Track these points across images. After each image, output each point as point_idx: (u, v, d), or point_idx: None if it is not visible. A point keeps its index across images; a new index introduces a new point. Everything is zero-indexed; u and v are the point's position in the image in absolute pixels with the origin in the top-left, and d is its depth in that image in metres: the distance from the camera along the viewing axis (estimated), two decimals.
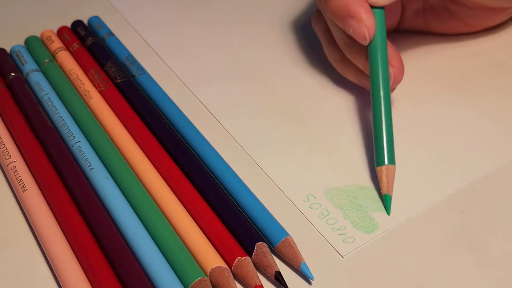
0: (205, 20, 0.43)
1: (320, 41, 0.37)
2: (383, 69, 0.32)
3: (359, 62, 0.34)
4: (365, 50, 0.33)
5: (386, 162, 0.30)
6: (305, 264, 0.27)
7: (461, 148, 0.33)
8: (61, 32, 0.40)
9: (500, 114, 0.34)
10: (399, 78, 0.33)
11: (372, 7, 0.32)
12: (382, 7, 0.33)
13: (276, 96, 0.37)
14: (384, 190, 0.30)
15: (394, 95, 0.36)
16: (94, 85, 0.36)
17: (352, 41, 0.34)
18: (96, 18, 0.42)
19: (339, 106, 0.36)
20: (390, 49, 0.33)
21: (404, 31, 0.40)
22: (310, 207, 0.30)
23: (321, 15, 0.37)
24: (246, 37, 0.41)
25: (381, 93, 0.32)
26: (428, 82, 0.37)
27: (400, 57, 0.34)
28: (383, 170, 0.30)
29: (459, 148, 0.33)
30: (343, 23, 0.32)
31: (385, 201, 0.30)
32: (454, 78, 0.37)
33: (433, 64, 0.38)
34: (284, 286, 0.27)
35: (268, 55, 0.40)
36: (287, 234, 0.28)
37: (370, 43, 0.32)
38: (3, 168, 0.32)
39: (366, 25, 0.32)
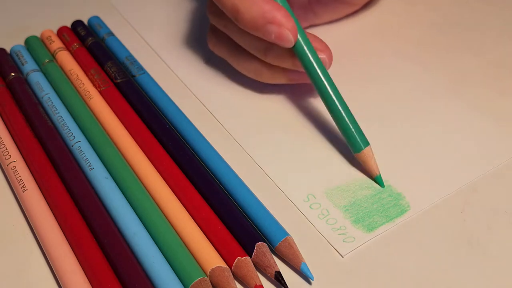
0: (205, 20, 0.43)
1: (228, 61, 0.36)
2: (316, 62, 0.32)
3: (287, 63, 0.33)
4: (289, 50, 0.32)
5: (363, 147, 0.31)
6: (305, 264, 0.27)
7: (461, 148, 0.33)
8: (61, 32, 0.40)
9: (500, 114, 0.34)
10: (330, 61, 0.33)
11: None
12: None
13: (277, 96, 0.37)
14: (376, 172, 0.31)
15: (394, 95, 0.36)
16: (94, 85, 0.36)
17: (273, 44, 0.33)
18: (96, 18, 0.42)
19: None
20: (309, 36, 0.33)
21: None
22: (310, 207, 0.30)
23: (219, 35, 0.36)
24: None
25: (326, 85, 0.32)
26: (430, 81, 0.37)
27: (322, 40, 0.33)
28: (362, 156, 0.31)
29: (459, 148, 0.33)
30: (263, 32, 0.31)
31: (378, 180, 0.31)
32: (454, 77, 0.37)
33: (439, 61, 0.38)
34: (284, 286, 0.27)
35: None
36: (287, 234, 0.28)
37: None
38: (3, 168, 0.32)
39: (288, 28, 0.31)
